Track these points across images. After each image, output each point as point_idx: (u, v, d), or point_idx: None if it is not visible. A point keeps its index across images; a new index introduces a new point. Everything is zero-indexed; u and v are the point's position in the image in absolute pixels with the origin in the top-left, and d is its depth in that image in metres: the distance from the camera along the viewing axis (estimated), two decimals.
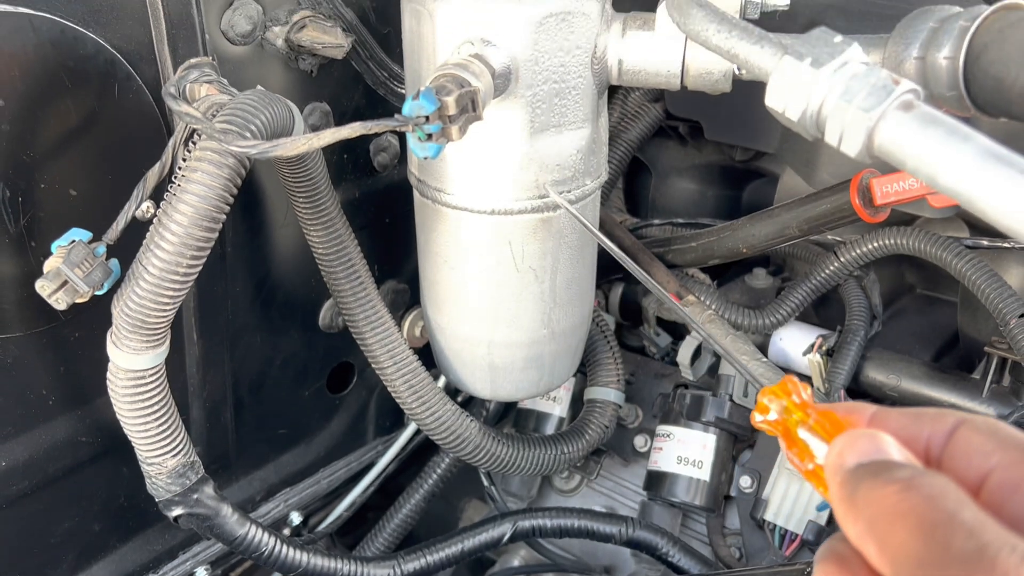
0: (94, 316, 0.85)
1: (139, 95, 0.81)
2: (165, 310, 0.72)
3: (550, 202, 0.90)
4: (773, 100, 0.62)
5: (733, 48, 0.65)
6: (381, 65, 1.01)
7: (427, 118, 0.69)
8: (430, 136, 0.70)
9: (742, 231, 1.04)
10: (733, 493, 1.14)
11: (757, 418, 0.44)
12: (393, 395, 1.00)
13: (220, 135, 0.67)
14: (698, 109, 1.32)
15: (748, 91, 1.31)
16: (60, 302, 0.69)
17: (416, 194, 0.96)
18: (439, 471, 1.23)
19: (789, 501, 1.07)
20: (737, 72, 0.80)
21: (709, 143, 1.41)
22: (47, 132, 0.76)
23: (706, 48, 0.69)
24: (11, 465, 0.83)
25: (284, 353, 1.05)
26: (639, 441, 1.22)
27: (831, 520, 1.06)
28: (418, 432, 1.25)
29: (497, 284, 0.94)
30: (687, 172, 1.47)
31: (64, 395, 0.86)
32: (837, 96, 0.58)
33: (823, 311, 1.31)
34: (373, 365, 0.99)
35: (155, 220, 0.71)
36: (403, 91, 1.04)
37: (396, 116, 0.68)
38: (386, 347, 0.98)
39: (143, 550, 0.99)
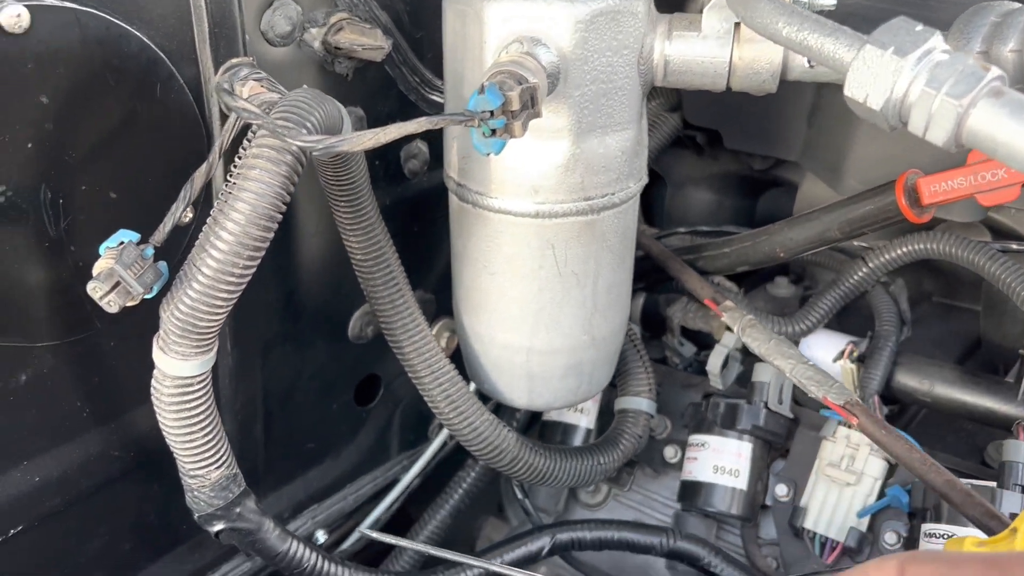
0: (129, 325, 0.82)
1: (180, 95, 0.78)
2: (217, 314, 0.70)
3: (595, 204, 0.89)
4: (853, 90, 0.61)
5: (805, 40, 0.64)
6: (414, 71, 1.00)
7: (492, 113, 0.67)
8: (494, 132, 0.68)
9: (779, 235, 1.03)
10: (769, 502, 1.12)
11: None
12: (429, 405, 0.98)
13: (281, 130, 0.65)
14: (717, 118, 1.32)
15: (768, 98, 1.32)
16: (112, 304, 0.66)
17: (454, 199, 0.94)
18: (464, 486, 1.21)
19: (829, 508, 1.06)
20: (808, 65, 0.79)
21: (726, 152, 1.41)
22: (89, 132, 0.73)
23: (774, 41, 0.68)
24: (44, 481, 0.79)
25: (313, 364, 1.03)
26: (669, 452, 1.21)
27: (872, 526, 1.04)
28: (443, 447, 1.23)
29: (539, 289, 0.93)
30: (703, 182, 1.47)
31: (98, 407, 0.83)
32: (923, 83, 0.57)
33: (843, 319, 1.30)
34: (409, 374, 0.97)
35: (209, 220, 0.69)
36: (434, 97, 1.03)
37: (463, 111, 0.67)
38: (423, 356, 0.96)
39: (173, 570, 0.96)
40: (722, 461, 1.10)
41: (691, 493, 1.12)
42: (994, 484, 0.95)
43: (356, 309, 1.05)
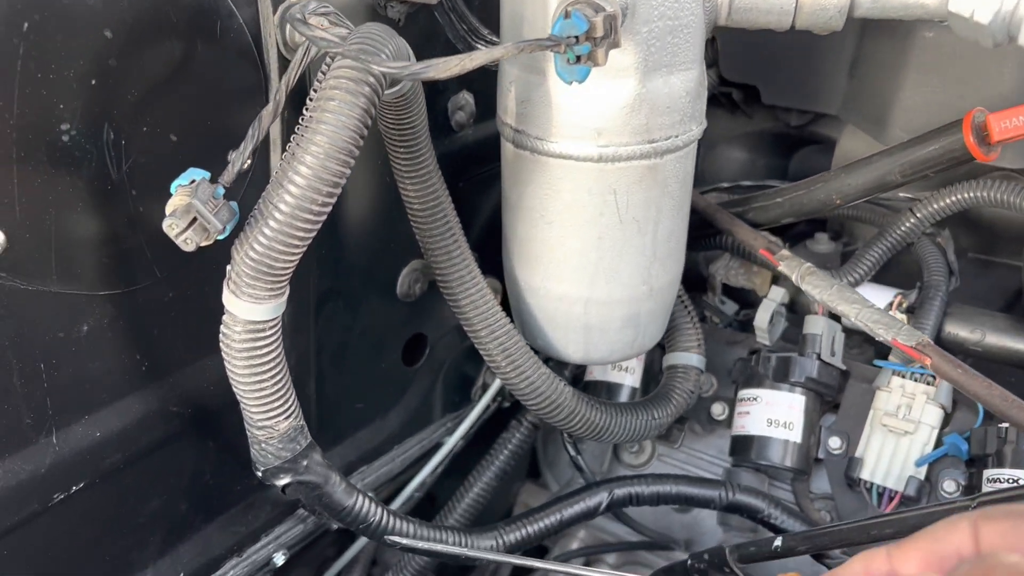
0: (187, 276, 0.80)
1: (240, 35, 0.76)
2: (293, 253, 0.68)
3: (659, 147, 0.87)
4: (958, 4, 0.59)
5: None
6: (462, 18, 0.97)
7: (577, 39, 0.65)
8: (578, 59, 0.66)
9: (835, 182, 1.01)
10: (821, 455, 1.11)
11: None
12: (486, 359, 0.96)
13: (362, 56, 0.62)
14: (755, 72, 1.31)
15: (808, 51, 1.30)
16: (189, 242, 0.64)
17: (509, 147, 0.92)
18: (510, 447, 1.19)
19: (886, 458, 1.05)
20: None
21: (761, 109, 1.39)
22: (151, 71, 0.71)
23: None
24: (105, 436, 0.77)
25: (363, 322, 1.01)
26: (716, 409, 1.19)
27: (930, 476, 1.04)
28: (486, 409, 1.21)
29: (598, 237, 0.91)
30: (736, 141, 1.45)
31: (157, 361, 0.80)
32: None
33: (881, 276, 1.29)
34: (465, 327, 0.95)
35: (285, 157, 0.66)
36: (480, 46, 1.01)
37: (549, 36, 0.65)
38: (479, 309, 0.94)
39: (226, 532, 0.93)
40: (775, 414, 1.09)
41: (743, 447, 1.11)
42: None
43: (404, 266, 1.03)
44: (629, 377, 1.21)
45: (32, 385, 0.71)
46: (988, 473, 0.98)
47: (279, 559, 0.99)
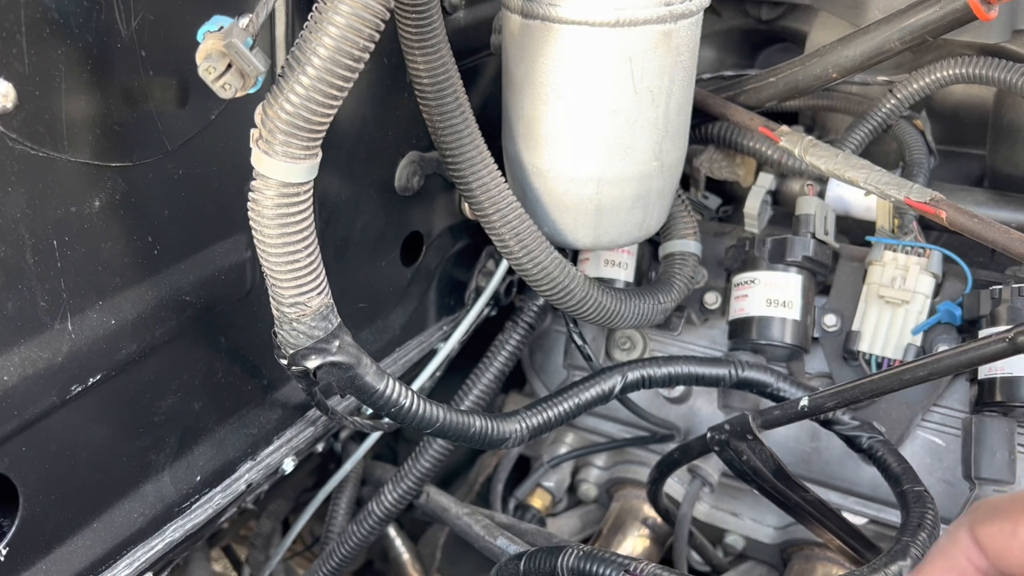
0: (199, 149, 0.75)
1: None
2: (331, 105, 0.63)
3: (674, 11, 0.85)
4: None
5: None
6: None
7: None
8: None
9: (832, 55, 1.02)
10: (817, 334, 1.13)
11: None
12: (496, 244, 0.94)
13: None
14: None
15: None
16: (228, 88, 0.59)
17: (514, 20, 0.89)
18: (508, 348, 1.17)
19: (883, 329, 1.07)
20: None
21: (729, 6, 1.39)
22: None
23: None
24: (120, 324, 0.72)
25: (364, 216, 0.97)
26: (709, 298, 1.20)
27: (924, 343, 1.07)
28: (481, 312, 1.18)
29: (612, 111, 0.89)
30: (704, 40, 1.44)
31: (168, 244, 0.75)
32: None
33: None
34: (475, 211, 0.92)
35: (317, 4, 0.62)
36: None
37: None
38: (489, 192, 0.91)
39: (240, 433, 0.89)
40: (773, 294, 1.10)
41: (744, 329, 1.12)
42: None
43: (402, 157, 0.99)
44: (622, 272, 1.20)
45: (46, 264, 0.65)
46: (983, 333, 1.01)
47: (288, 465, 0.95)
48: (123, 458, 0.77)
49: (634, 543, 1.27)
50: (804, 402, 0.87)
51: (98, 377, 0.71)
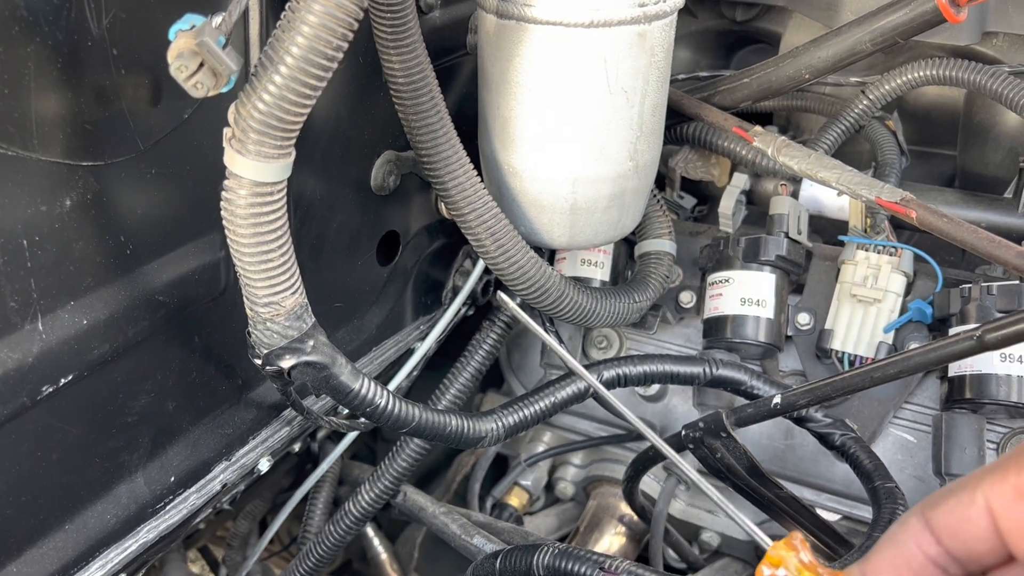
0: (172, 148, 0.74)
1: None
2: (305, 104, 0.63)
3: (648, 11, 0.86)
4: None
5: None
6: None
7: None
8: None
9: (805, 56, 1.03)
10: (791, 333, 1.14)
11: (765, 572, 0.44)
12: (472, 244, 0.94)
13: None
14: None
15: None
16: (200, 87, 0.59)
17: (490, 20, 0.89)
18: (485, 347, 1.17)
19: (855, 327, 1.08)
20: None
21: (704, 7, 1.40)
22: None
23: None
24: (92, 324, 0.71)
25: (340, 215, 0.97)
26: (685, 297, 1.21)
27: (895, 341, 1.08)
28: (458, 312, 1.18)
29: (586, 110, 0.89)
30: (679, 41, 1.45)
31: (140, 244, 0.75)
32: None
33: None
34: (450, 210, 0.92)
35: (290, 3, 0.62)
36: None
37: None
38: (465, 192, 0.91)
39: (214, 434, 0.89)
40: (747, 293, 1.11)
41: (718, 328, 1.13)
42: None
43: (378, 156, 0.99)
44: (599, 272, 1.21)
45: (15, 264, 0.64)
46: (953, 331, 1.03)
47: (264, 465, 0.95)
48: (95, 459, 0.77)
49: (611, 541, 1.28)
50: (777, 400, 0.87)
51: (70, 378, 0.71)
